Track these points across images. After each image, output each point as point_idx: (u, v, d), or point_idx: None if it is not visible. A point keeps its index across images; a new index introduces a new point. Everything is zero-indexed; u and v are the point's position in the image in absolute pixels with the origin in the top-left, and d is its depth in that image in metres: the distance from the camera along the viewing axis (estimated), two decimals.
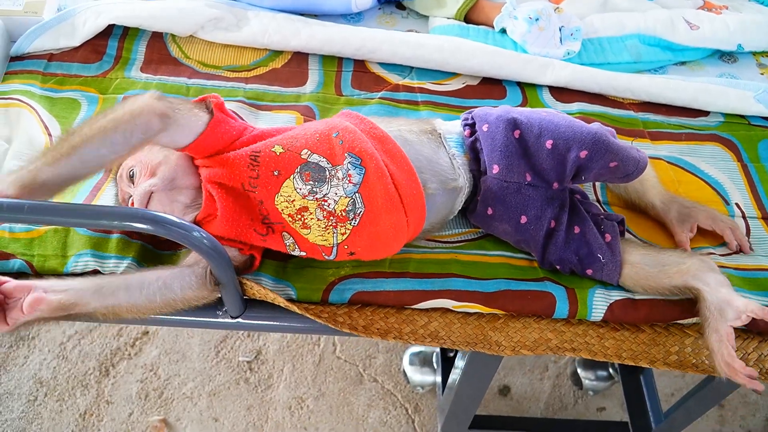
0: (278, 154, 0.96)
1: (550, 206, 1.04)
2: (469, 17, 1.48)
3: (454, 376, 1.36)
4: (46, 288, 0.92)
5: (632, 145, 1.09)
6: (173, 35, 1.38)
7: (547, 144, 1.03)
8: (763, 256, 1.12)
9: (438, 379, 1.74)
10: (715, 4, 1.61)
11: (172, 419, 1.79)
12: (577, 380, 1.90)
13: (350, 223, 0.95)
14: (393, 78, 1.37)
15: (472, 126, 1.10)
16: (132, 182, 1.01)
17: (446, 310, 1.03)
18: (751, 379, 0.93)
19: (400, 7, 1.56)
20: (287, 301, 0.99)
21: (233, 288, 0.97)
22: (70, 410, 1.79)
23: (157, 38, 1.38)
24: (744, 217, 1.19)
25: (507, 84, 1.38)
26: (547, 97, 1.35)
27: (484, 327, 1.02)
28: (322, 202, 0.94)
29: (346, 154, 0.96)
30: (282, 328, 1.06)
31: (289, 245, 0.98)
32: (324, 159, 0.96)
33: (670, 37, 1.44)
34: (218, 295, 0.98)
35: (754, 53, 1.52)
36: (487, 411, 1.84)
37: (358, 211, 0.95)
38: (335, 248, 0.97)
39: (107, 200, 1.09)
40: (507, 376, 1.93)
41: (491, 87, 1.37)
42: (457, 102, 1.33)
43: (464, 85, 1.37)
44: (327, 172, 0.95)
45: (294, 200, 0.94)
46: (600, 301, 1.02)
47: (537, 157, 1.04)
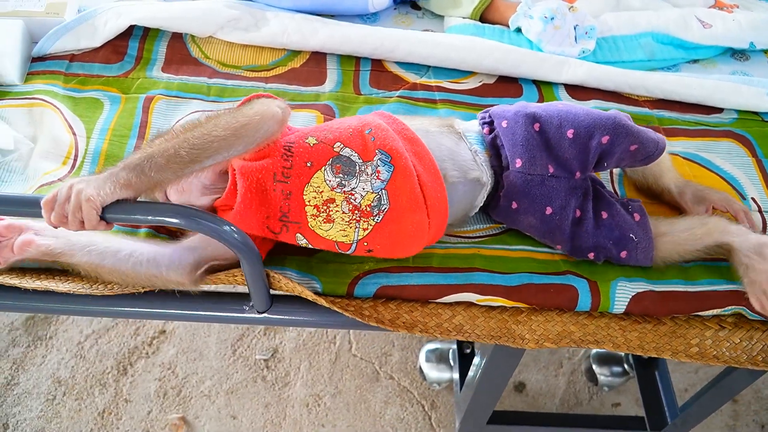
0: (312, 145, 0.98)
1: (573, 196, 1.06)
2: (484, 17, 1.49)
3: (473, 372, 1.37)
4: (38, 231, 0.96)
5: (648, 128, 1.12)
6: (192, 36, 1.40)
7: (569, 133, 1.05)
8: None
9: (455, 375, 1.75)
10: (726, 3, 1.63)
11: (191, 417, 1.80)
12: (592, 376, 1.90)
13: (373, 219, 0.96)
14: (410, 77, 1.38)
15: (490, 124, 1.12)
16: None
17: (470, 304, 1.05)
18: None
19: (415, 7, 1.57)
20: (314, 294, 1.01)
21: (261, 282, 0.98)
22: (89, 409, 1.81)
23: (177, 39, 1.39)
24: (760, 210, 1.20)
25: (523, 82, 1.39)
26: (563, 95, 1.37)
27: (507, 320, 1.04)
28: (349, 196, 0.95)
29: (377, 151, 0.98)
30: (308, 322, 1.08)
31: (301, 243, 0.99)
32: (356, 153, 0.97)
33: (683, 35, 1.45)
34: (197, 285, 0.99)
35: (765, 51, 1.53)
36: (503, 407, 1.85)
37: (383, 208, 0.96)
38: (354, 245, 0.97)
39: None
40: (522, 372, 1.94)
41: (507, 85, 1.38)
42: (474, 100, 1.34)
43: (481, 83, 1.38)
44: (357, 167, 0.96)
45: (323, 191, 0.95)
46: (622, 294, 1.04)
47: (559, 147, 1.06)
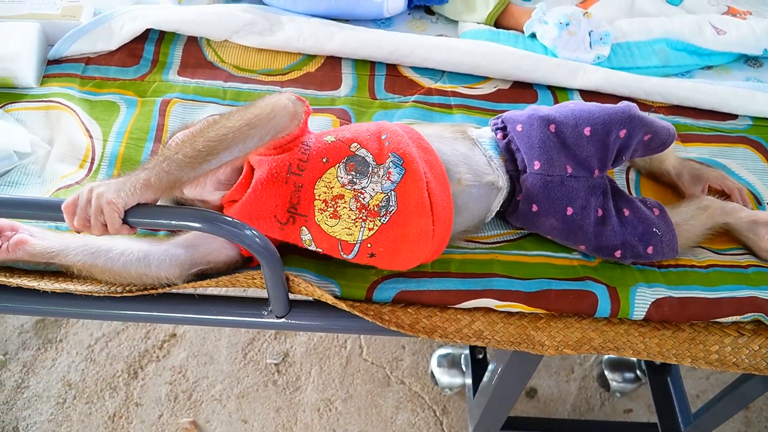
0: (329, 142, 0.99)
1: (593, 195, 1.06)
2: (498, 22, 1.50)
3: (488, 378, 1.36)
4: (33, 232, 0.97)
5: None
6: (208, 39, 1.40)
7: (586, 131, 1.06)
8: None
9: (467, 380, 1.75)
10: (739, 10, 1.63)
11: (202, 421, 1.80)
12: (604, 382, 1.90)
13: (380, 220, 0.96)
14: (425, 82, 1.38)
15: (504, 129, 1.12)
16: None
17: (489, 310, 1.05)
18: None
19: (429, 12, 1.57)
20: (334, 298, 1.00)
21: (281, 287, 0.98)
22: (99, 412, 1.80)
23: (193, 42, 1.40)
24: None
25: (538, 88, 1.39)
26: (578, 101, 1.36)
27: (526, 327, 1.04)
28: (359, 194, 0.96)
29: (390, 154, 0.98)
30: (327, 327, 1.08)
31: (305, 240, 0.98)
32: (370, 155, 0.98)
33: (697, 41, 1.45)
34: (185, 280, 1.00)
35: None
36: (514, 413, 1.84)
37: (390, 209, 0.96)
38: (358, 245, 0.97)
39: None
40: (533, 377, 1.93)
41: (522, 91, 1.38)
42: (489, 105, 1.34)
43: (496, 89, 1.38)
44: (370, 168, 0.97)
45: (333, 187, 0.96)
46: (642, 300, 1.03)
47: (577, 146, 1.06)
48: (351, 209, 0.95)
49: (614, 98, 1.37)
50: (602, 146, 1.07)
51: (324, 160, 0.97)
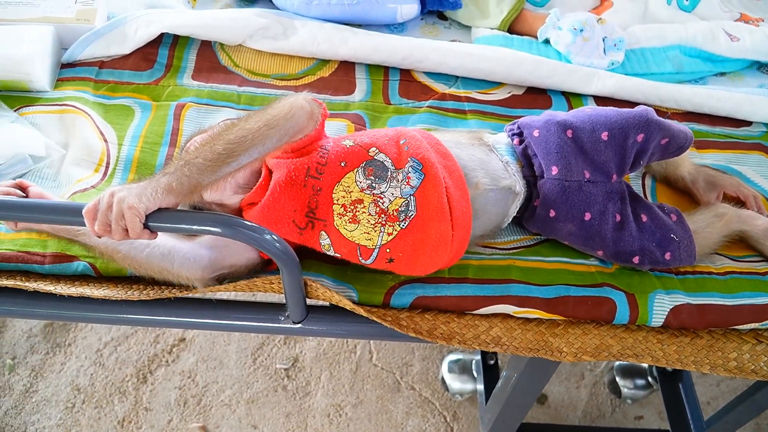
0: (348, 147, 0.99)
1: (611, 201, 1.06)
2: (512, 28, 1.49)
3: (501, 384, 1.36)
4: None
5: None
6: (222, 44, 1.40)
7: (603, 136, 1.06)
8: None
9: (479, 386, 1.74)
10: (752, 17, 1.63)
11: (211, 426, 1.79)
12: (615, 388, 1.89)
13: (399, 225, 0.95)
14: (439, 87, 1.38)
15: (520, 134, 1.12)
16: None
17: (506, 316, 1.04)
18: None
19: (442, 17, 1.57)
20: (352, 303, 1.00)
21: (300, 292, 0.98)
22: (108, 417, 1.80)
23: (206, 47, 1.40)
24: None
25: (552, 93, 1.39)
26: (595, 106, 1.36)
27: (544, 333, 1.03)
28: (378, 198, 0.95)
29: (409, 158, 0.98)
30: (344, 333, 1.07)
31: (324, 245, 0.98)
32: (389, 160, 0.98)
33: (710, 48, 1.45)
34: (206, 284, 0.99)
35: None
36: (524, 419, 1.83)
37: (410, 214, 0.96)
38: (377, 250, 0.97)
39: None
40: None
41: (536, 96, 1.38)
42: (503, 111, 1.34)
43: (510, 94, 1.38)
44: (389, 173, 0.97)
45: (352, 191, 0.96)
46: (660, 306, 1.03)
47: (595, 151, 1.06)
48: (370, 214, 0.95)
49: (629, 104, 1.37)
50: (620, 151, 1.07)
51: (342, 164, 0.97)
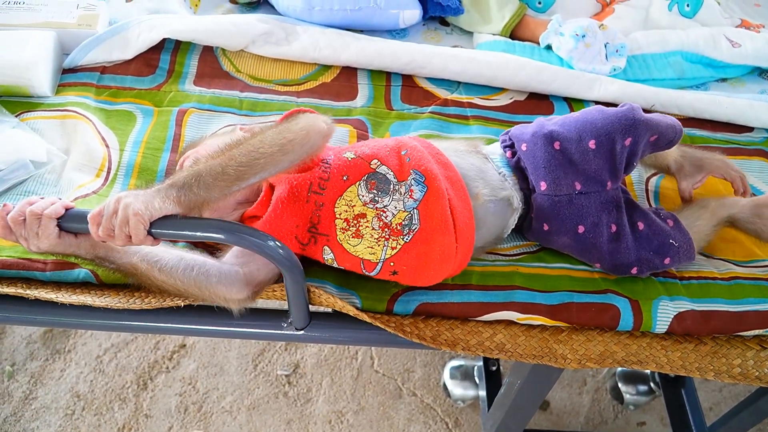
0: (349, 159, 0.98)
1: (605, 211, 1.04)
2: (514, 33, 1.50)
3: (504, 391, 1.35)
4: None
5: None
6: (224, 49, 1.40)
7: (591, 144, 1.04)
8: None
9: (481, 393, 1.73)
10: (753, 23, 1.63)
11: None
12: (617, 394, 1.89)
13: (403, 239, 0.95)
14: (441, 93, 1.38)
15: (512, 146, 1.11)
16: None
17: (510, 322, 1.04)
18: None
19: (444, 23, 1.57)
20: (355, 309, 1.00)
21: (303, 298, 0.97)
22: (109, 424, 1.79)
23: (208, 52, 1.40)
24: None
25: (554, 99, 1.39)
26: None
27: (548, 340, 1.03)
28: (381, 213, 0.95)
29: (412, 171, 0.98)
30: (346, 339, 1.07)
31: (327, 260, 0.98)
32: (391, 172, 0.97)
33: (712, 54, 1.45)
34: (242, 305, 0.97)
35: None
36: (527, 425, 1.83)
37: (414, 228, 0.95)
38: (380, 264, 0.96)
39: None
40: None
41: (539, 102, 1.38)
42: (505, 117, 1.34)
43: (512, 100, 1.38)
44: (392, 186, 0.96)
45: (354, 206, 0.95)
46: (664, 313, 1.02)
47: (584, 162, 1.05)
48: (373, 228, 0.95)
49: None
50: (609, 157, 1.04)
51: (344, 178, 0.97)
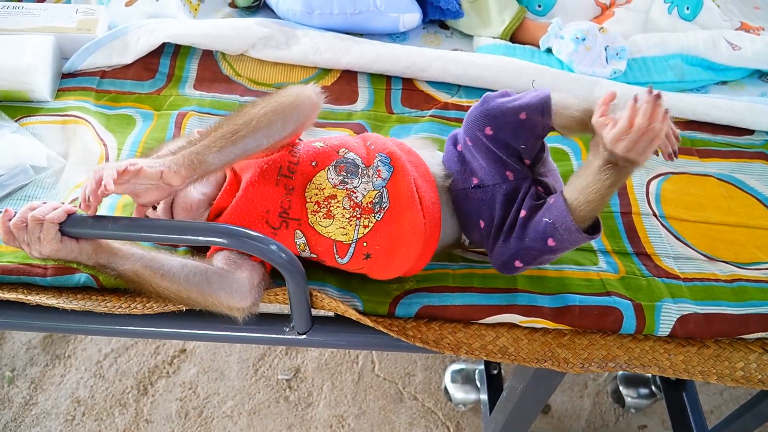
0: (318, 147, 1.01)
1: (498, 204, 1.00)
2: (514, 37, 1.50)
3: (506, 394, 1.35)
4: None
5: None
6: (223, 53, 1.40)
7: (468, 142, 1.02)
8: None
9: (482, 396, 1.73)
10: (752, 26, 1.64)
11: None
12: (618, 398, 1.88)
13: (374, 216, 0.96)
14: (442, 96, 1.38)
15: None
16: None
17: (512, 325, 1.03)
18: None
19: (444, 26, 1.58)
20: (357, 313, 0.99)
21: (305, 302, 0.97)
22: (109, 429, 1.78)
23: (208, 56, 1.40)
24: None
25: None
26: None
27: (551, 343, 1.02)
28: (351, 193, 0.96)
29: (377, 154, 1.00)
30: (349, 343, 1.07)
31: (299, 245, 0.98)
32: (359, 158, 1.00)
33: (712, 56, 1.45)
34: (246, 313, 0.96)
35: None
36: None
37: (384, 206, 0.97)
38: (353, 245, 0.96)
39: None
40: None
41: None
42: None
43: None
44: (360, 169, 0.98)
45: (324, 188, 0.97)
46: (667, 316, 1.02)
47: (472, 159, 1.03)
48: (344, 208, 0.96)
49: None
50: (484, 149, 1.00)
51: (313, 164, 0.99)
